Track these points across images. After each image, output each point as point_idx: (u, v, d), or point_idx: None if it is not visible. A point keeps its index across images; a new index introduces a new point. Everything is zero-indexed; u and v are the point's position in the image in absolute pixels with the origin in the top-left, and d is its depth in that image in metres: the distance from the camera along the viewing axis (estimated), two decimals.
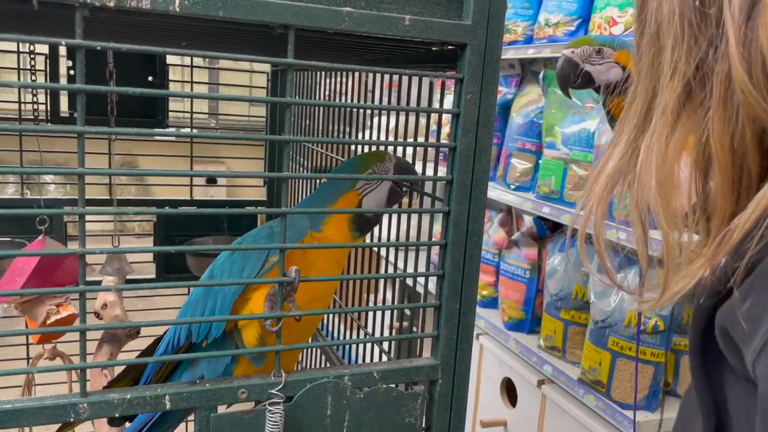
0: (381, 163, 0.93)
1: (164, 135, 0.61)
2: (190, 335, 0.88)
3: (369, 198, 0.91)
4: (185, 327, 0.89)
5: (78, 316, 1.18)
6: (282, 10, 0.65)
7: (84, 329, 0.66)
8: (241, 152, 2.10)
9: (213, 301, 0.86)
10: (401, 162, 0.95)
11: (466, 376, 0.83)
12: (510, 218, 2.35)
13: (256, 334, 0.83)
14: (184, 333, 0.89)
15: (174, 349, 0.92)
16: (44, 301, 1.12)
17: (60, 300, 1.12)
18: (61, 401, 0.65)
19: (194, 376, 0.93)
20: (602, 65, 1.08)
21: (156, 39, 1.11)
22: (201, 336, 0.87)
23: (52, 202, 1.72)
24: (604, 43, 1.08)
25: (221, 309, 0.85)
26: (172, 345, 0.91)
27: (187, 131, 2.12)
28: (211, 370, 0.91)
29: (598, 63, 1.08)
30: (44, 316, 1.11)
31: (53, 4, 0.61)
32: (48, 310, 1.11)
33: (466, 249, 0.79)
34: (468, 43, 0.73)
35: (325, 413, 0.75)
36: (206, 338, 0.87)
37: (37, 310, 1.13)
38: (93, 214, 0.63)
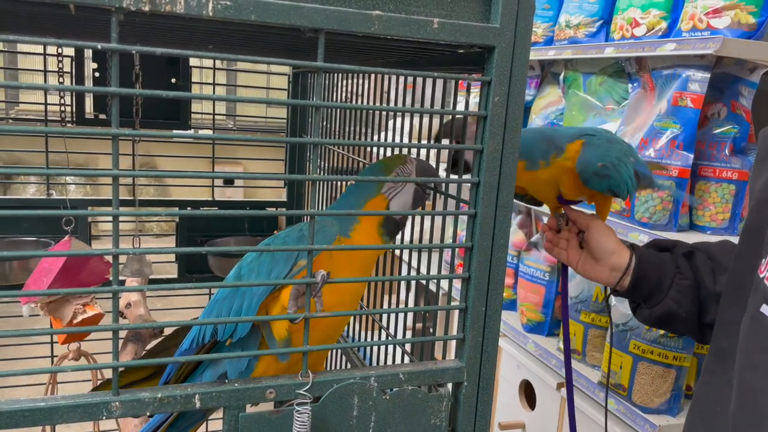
0: (403, 166, 0.94)
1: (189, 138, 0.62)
2: (215, 333, 0.89)
3: (396, 201, 0.92)
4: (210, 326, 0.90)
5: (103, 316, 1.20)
6: (313, 13, 0.65)
7: (116, 329, 0.67)
8: (259, 153, 2.12)
9: (240, 301, 0.87)
10: (422, 164, 0.96)
11: (491, 379, 0.83)
12: (529, 220, 2.34)
13: (286, 325, 0.83)
14: (209, 331, 0.90)
15: (198, 345, 0.93)
16: (71, 301, 1.14)
17: (86, 299, 1.13)
18: (93, 400, 0.66)
19: (217, 373, 0.94)
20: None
21: (181, 42, 1.13)
22: (227, 335, 0.88)
23: (76, 202, 1.75)
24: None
25: (248, 309, 0.86)
26: (197, 342, 0.93)
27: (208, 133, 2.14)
28: (234, 366, 0.92)
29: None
30: (71, 316, 1.13)
31: (89, 9, 0.62)
32: (75, 309, 1.12)
33: (492, 252, 0.79)
34: (496, 46, 0.73)
35: (352, 414, 0.75)
36: (231, 337, 0.88)
37: (64, 309, 1.15)
38: (125, 217, 0.64)
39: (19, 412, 0.63)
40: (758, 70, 1.57)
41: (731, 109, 1.62)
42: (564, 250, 1.19)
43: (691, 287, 1.07)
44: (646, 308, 1.12)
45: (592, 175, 1.07)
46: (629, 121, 1.76)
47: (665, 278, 1.09)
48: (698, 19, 1.59)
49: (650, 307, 1.11)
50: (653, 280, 1.09)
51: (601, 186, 1.10)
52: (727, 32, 1.54)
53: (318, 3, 0.67)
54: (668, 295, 1.08)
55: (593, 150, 1.08)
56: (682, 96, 1.59)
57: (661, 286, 1.09)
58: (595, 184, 1.09)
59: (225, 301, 0.90)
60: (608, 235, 1.13)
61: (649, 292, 1.10)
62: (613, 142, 1.12)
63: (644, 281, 1.10)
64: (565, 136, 1.13)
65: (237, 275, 0.92)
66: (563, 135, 1.13)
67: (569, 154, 1.09)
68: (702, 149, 1.64)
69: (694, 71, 1.57)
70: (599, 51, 1.84)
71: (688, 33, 1.62)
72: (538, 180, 1.12)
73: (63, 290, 0.75)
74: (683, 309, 1.06)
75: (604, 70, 1.95)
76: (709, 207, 1.64)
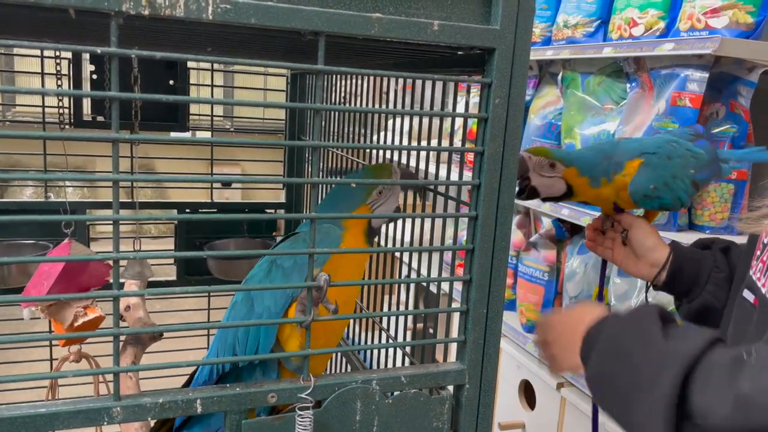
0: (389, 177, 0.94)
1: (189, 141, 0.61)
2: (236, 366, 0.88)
3: (380, 212, 0.93)
4: (229, 352, 0.88)
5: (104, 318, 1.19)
6: (313, 16, 0.65)
7: (117, 333, 0.66)
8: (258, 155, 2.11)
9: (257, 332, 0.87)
10: (407, 172, 0.96)
11: (492, 381, 0.83)
12: (528, 220, 2.34)
13: (297, 343, 0.83)
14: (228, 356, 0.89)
15: (219, 374, 0.92)
16: (71, 303, 1.13)
17: (87, 302, 1.13)
18: (95, 405, 0.66)
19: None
20: (551, 179, 1.13)
21: (179, 44, 1.12)
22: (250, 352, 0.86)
23: (74, 205, 1.74)
24: (560, 158, 1.12)
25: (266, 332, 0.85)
26: (217, 371, 0.91)
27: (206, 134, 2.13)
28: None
29: (548, 176, 1.13)
30: (71, 319, 1.12)
31: (88, 13, 0.61)
32: (75, 312, 1.12)
33: (493, 254, 0.79)
34: (496, 48, 0.73)
35: (354, 418, 0.75)
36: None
37: (64, 312, 1.14)
38: (127, 220, 0.64)
39: (20, 418, 0.63)
40: (757, 69, 1.57)
41: (730, 109, 1.62)
42: (609, 249, 1.23)
43: (727, 280, 1.09)
44: (685, 302, 1.14)
45: (643, 197, 1.12)
46: (628, 121, 1.76)
47: (702, 272, 1.11)
48: (696, 19, 1.59)
49: (689, 302, 1.13)
50: (690, 274, 1.12)
51: (653, 204, 1.14)
52: (726, 32, 1.54)
53: (318, 6, 0.66)
54: (705, 289, 1.10)
55: (649, 171, 1.12)
56: (680, 96, 1.59)
57: (698, 280, 1.11)
58: (645, 204, 1.14)
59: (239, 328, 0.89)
60: (649, 233, 1.17)
61: (687, 286, 1.13)
62: (673, 158, 1.13)
63: (680, 275, 1.13)
64: (626, 151, 1.16)
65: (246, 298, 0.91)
66: (624, 151, 1.16)
67: (627, 171, 1.13)
68: None
69: (693, 71, 1.57)
70: (597, 51, 1.84)
71: (686, 33, 1.62)
72: (599, 197, 1.16)
73: (63, 296, 0.75)
74: (720, 302, 1.07)
75: (602, 70, 1.95)
76: (708, 206, 1.64)
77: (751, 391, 0.62)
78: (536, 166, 1.12)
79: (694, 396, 0.67)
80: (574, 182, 1.13)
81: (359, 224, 0.92)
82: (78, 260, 1.14)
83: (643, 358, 0.74)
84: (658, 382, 0.70)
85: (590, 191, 1.15)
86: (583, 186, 1.14)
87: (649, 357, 0.74)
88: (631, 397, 0.74)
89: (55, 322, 1.20)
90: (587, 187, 1.14)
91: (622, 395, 0.76)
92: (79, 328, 1.10)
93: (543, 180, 1.13)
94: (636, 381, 0.74)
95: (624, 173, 1.13)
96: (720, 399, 0.64)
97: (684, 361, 0.69)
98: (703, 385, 0.67)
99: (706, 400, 0.65)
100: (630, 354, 0.77)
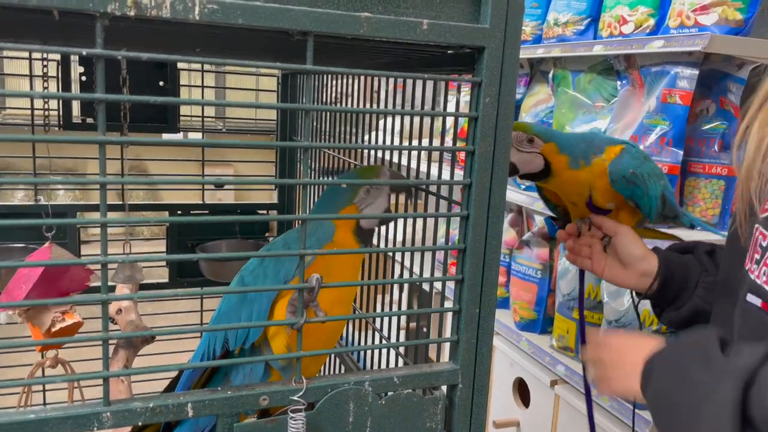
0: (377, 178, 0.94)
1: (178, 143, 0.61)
2: (226, 343, 0.88)
3: (368, 212, 0.92)
4: (221, 336, 0.88)
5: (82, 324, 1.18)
6: (301, 16, 0.65)
7: (106, 338, 0.66)
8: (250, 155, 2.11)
9: (249, 310, 0.87)
10: (395, 174, 0.96)
11: (485, 381, 0.83)
12: (520, 218, 2.34)
13: (284, 342, 0.83)
14: (219, 342, 0.89)
15: (209, 358, 0.91)
16: (49, 308, 1.12)
17: (65, 308, 1.12)
18: (84, 411, 0.65)
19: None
20: (529, 154, 1.10)
21: (169, 45, 1.11)
22: (239, 342, 0.87)
23: (64, 207, 1.73)
24: (538, 133, 1.11)
25: (258, 314, 0.85)
26: (208, 354, 0.91)
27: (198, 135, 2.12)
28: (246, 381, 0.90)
29: (526, 151, 1.10)
30: (49, 324, 1.11)
31: (74, 14, 0.61)
32: (53, 317, 1.10)
33: (485, 253, 0.78)
34: (486, 47, 0.73)
35: (347, 420, 0.75)
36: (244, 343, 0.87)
37: (42, 317, 1.13)
38: (114, 224, 0.63)
39: (8, 425, 0.62)
40: (746, 66, 1.58)
41: (720, 106, 1.63)
42: (587, 258, 1.18)
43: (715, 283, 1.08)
44: (672, 310, 1.12)
45: (621, 177, 1.10)
46: (619, 119, 1.76)
47: (691, 277, 1.10)
48: (686, 16, 1.60)
49: (677, 308, 1.11)
50: (680, 280, 1.11)
51: (626, 192, 1.12)
52: (715, 29, 1.54)
53: (306, 5, 0.66)
54: (695, 293, 1.09)
55: (629, 158, 1.11)
56: (670, 93, 1.59)
57: (687, 285, 1.10)
58: (621, 187, 1.11)
59: (231, 313, 0.89)
60: (637, 242, 1.13)
61: (676, 292, 1.11)
62: (648, 160, 1.14)
63: (671, 282, 1.11)
64: (605, 140, 1.16)
65: (240, 282, 0.91)
66: (604, 139, 1.17)
67: (608, 155, 1.12)
68: (691, 146, 1.65)
69: (683, 68, 1.58)
70: (588, 49, 1.84)
71: (675, 30, 1.63)
72: (575, 180, 1.14)
73: (50, 300, 0.74)
74: (710, 306, 1.06)
75: (593, 67, 1.95)
76: (699, 203, 1.65)
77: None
78: (515, 141, 1.09)
79: (753, 402, 0.70)
80: (553, 159, 1.11)
81: (347, 223, 0.92)
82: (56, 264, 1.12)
83: (704, 375, 0.76)
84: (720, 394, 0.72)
85: (567, 172, 1.12)
86: (562, 165, 1.11)
87: (709, 374, 0.76)
88: (694, 413, 0.76)
89: (32, 326, 1.18)
90: (565, 166, 1.11)
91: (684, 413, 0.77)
92: (56, 333, 1.09)
93: (521, 155, 1.10)
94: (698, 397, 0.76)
95: (604, 157, 1.12)
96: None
97: (743, 373, 0.72)
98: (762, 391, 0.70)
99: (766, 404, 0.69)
100: (691, 372, 0.79)
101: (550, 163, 1.11)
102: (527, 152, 1.10)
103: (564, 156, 1.11)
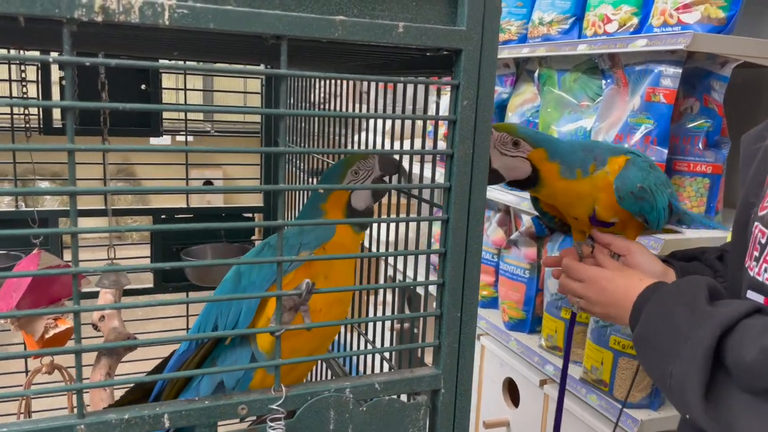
0: (364, 160, 0.95)
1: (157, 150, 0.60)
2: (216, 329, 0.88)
3: (356, 193, 0.92)
4: (211, 323, 0.88)
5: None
6: (274, 20, 0.64)
7: (79, 350, 0.64)
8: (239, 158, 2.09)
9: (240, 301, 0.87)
10: (383, 155, 0.98)
11: (468, 385, 0.82)
12: (508, 218, 2.34)
13: (271, 338, 0.82)
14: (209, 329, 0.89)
15: (198, 344, 0.92)
16: (41, 315, 1.11)
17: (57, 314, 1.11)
18: (57, 424, 0.64)
19: (214, 382, 0.92)
20: (513, 158, 1.01)
21: (148, 48, 1.10)
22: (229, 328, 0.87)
23: (47, 213, 1.71)
24: (524, 135, 1.01)
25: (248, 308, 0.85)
26: (197, 341, 0.91)
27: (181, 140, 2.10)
28: (231, 374, 0.90)
29: (510, 155, 1.01)
30: (42, 331, 1.10)
31: (40, 20, 0.59)
32: (46, 324, 1.09)
33: (466, 257, 0.78)
34: (463, 49, 0.72)
35: (328, 428, 0.74)
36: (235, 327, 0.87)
37: (35, 324, 1.12)
38: (85, 232, 0.62)
39: None
40: (729, 64, 1.58)
41: (704, 104, 1.64)
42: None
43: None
44: None
45: (628, 194, 1.02)
46: (604, 118, 1.76)
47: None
48: (669, 15, 1.60)
49: None
50: None
51: (634, 208, 1.04)
52: (698, 27, 1.55)
53: (279, 9, 0.65)
54: None
55: (635, 170, 1.03)
56: (654, 91, 1.59)
57: None
58: (629, 204, 1.03)
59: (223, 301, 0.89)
60: (653, 258, 1.08)
61: None
62: (654, 169, 1.07)
63: None
64: (607, 149, 1.08)
65: (236, 274, 0.91)
66: (606, 148, 1.08)
67: (611, 167, 1.04)
68: (676, 144, 1.65)
69: (666, 66, 1.58)
70: (572, 48, 1.84)
71: (659, 29, 1.63)
72: (572, 192, 1.04)
73: (25, 312, 0.72)
74: None
75: (577, 66, 1.95)
76: (684, 201, 1.65)
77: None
78: (497, 143, 1.00)
79: (728, 348, 0.77)
80: (542, 167, 1.01)
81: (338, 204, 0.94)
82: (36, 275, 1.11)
83: (687, 319, 0.83)
84: (699, 336, 0.79)
85: (560, 182, 1.03)
86: (552, 173, 1.02)
87: (692, 318, 0.82)
88: (673, 351, 0.82)
89: (25, 334, 1.17)
90: (557, 175, 1.02)
91: (665, 353, 0.84)
92: (50, 339, 1.08)
93: (505, 160, 1.00)
94: (678, 337, 0.82)
95: (607, 169, 1.03)
96: (749, 349, 0.74)
97: (723, 321, 0.78)
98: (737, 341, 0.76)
99: (737, 350, 0.75)
100: (675, 315, 0.85)
101: (539, 171, 1.02)
102: (511, 156, 1.01)
103: (555, 164, 1.02)
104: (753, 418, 0.73)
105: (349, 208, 0.93)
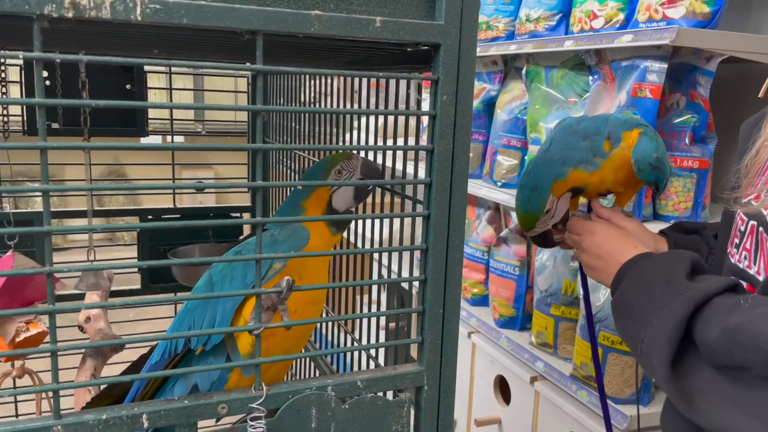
0: (348, 160, 0.95)
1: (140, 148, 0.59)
2: (188, 342, 0.87)
3: (338, 193, 0.92)
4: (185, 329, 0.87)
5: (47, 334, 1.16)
6: (248, 15, 0.63)
7: (54, 350, 0.64)
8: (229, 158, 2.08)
9: (214, 310, 0.86)
10: (367, 160, 0.98)
11: (452, 382, 0.82)
12: (498, 215, 2.34)
13: (250, 341, 0.82)
14: (181, 341, 0.88)
15: (171, 355, 0.90)
16: (13, 318, 1.09)
17: (29, 317, 1.10)
18: (34, 425, 0.63)
19: (189, 384, 0.91)
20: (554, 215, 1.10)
21: (129, 47, 1.09)
22: (200, 343, 0.86)
23: (31, 215, 1.69)
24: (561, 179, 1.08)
25: (222, 317, 0.84)
26: (169, 352, 0.90)
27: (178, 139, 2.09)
28: (205, 377, 0.89)
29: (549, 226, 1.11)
30: (13, 334, 1.08)
31: (10, 17, 0.59)
32: (17, 327, 1.08)
33: (447, 253, 0.77)
34: (441, 43, 0.72)
35: (310, 426, 0.73)
36: (205, 345, 0.86)
37: (6, 327, 1.11)
38: (58, 232, 0.61)
39: None
40: (714, 58, 1.59)
41: (690, 99, 1.64)
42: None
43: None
44: None
45: (647, 165, 1.05)
46: (591, 113, 1.76)
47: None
48: (654, 10, 1.60)
49: None
50: None
51: (650, 177, 1.08)
52: (683, 22, 1.55)
53: (254, 4, 0.64)
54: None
55: (648, 141, 1.06)
56: (641, 87, 1.59)
57: None
58: (647, 175, 1.07)
59: (197, 309, 0.88)
60: (647, 232, 1.12)
61: None
62: (657, 135, 1.11)
63: None
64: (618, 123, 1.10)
65: (209, 282, 0.90)
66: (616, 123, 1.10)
67: (626, 143, 1.07)
68: (662, 139, 1.65)
69: (652, 62, 1.58)
70: (559, 44, 1.84)
71: (644, 24, 1.63)
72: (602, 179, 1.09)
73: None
74: None
75: (565, 63, 1.95)
76: (672, 196, 1.65)
77: (736, 326, 0.75)
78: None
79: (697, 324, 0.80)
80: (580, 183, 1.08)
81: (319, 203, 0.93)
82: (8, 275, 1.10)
83: (663, 290, 0.86)
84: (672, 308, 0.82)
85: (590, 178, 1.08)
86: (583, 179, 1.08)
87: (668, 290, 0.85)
88: (646, 319, 0.85)
89: None
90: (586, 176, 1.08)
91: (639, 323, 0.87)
92: (21, 343, 1.07)
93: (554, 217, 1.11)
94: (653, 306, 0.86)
95: (623, 145, 1.06)
96: (713, 327, 0.77)
97: (698, 296, 0.80)
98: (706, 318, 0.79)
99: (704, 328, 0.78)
100: (654, 286, 0.88)
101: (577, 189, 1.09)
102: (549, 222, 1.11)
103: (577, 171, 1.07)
104: (713, 392, 0.77)
105: (330, 209, 0.92)
